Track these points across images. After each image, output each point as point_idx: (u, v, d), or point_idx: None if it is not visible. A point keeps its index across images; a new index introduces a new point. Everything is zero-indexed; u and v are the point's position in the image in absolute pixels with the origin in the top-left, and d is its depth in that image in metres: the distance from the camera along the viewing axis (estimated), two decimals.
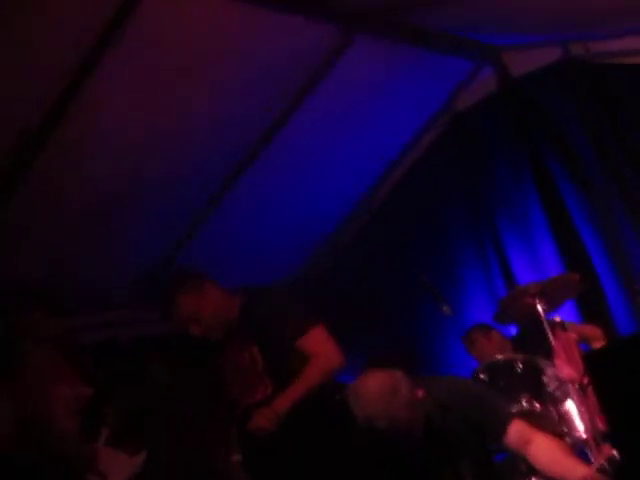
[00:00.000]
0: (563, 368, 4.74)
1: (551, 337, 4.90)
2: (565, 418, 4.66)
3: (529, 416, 4.37)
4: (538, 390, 4.74)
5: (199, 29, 4.56)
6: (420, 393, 3.39)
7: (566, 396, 4.68)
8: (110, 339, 5.62)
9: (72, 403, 4.18)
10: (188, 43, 4.58)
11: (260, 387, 4.14)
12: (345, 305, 5.23)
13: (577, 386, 4.61)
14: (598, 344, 5.31)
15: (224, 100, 5.09)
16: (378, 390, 3.30)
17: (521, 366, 4.85)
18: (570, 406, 4.66)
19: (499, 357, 5.01)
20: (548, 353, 5.04)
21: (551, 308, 5.19)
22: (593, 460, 4.00)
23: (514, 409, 4.47)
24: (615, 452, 3.13)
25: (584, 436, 4.53)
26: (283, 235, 6.36)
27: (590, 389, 4.40)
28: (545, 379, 4.81)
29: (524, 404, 4.67)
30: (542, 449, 3.48)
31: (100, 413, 4.27)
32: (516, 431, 3.50)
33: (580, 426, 4.58)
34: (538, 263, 6.17)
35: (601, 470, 3.17)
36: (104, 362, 4.67)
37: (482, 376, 4.87)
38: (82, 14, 4.08)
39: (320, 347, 4.03)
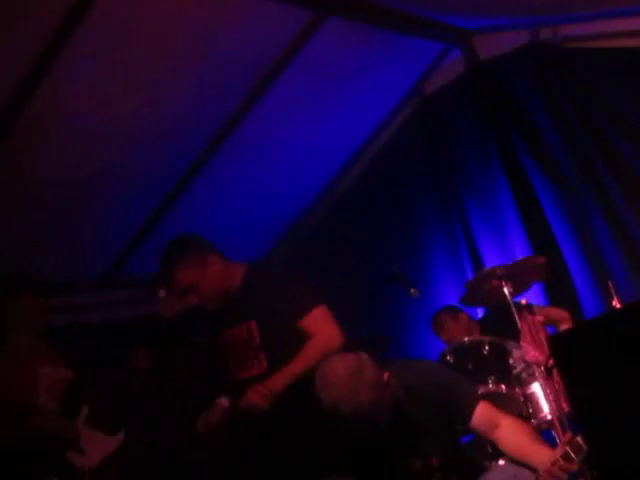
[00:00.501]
0: (529, 350, 4.77)
1: (517, 320, 4.94)
2: (530, 400, 4.70)
3: (495, 398, 4.41)
4: (504, 372, 4.77)
5: (166, 14, 4.51)
6: (386, 376, 3.38)
7: (532, 378, 4.71)
8: (76, 322, 5.60)
9: (54, 383, 4.29)
10: (155, 28, 4.53)
11: (255, 362, 4.10)
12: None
13: (542, 368, 4.64)
14: (565, 327, 5.35)
15: (191, 85, 5.05)
16: (343, 373, 3.28)
17: (487, 348, 4.89)
18: (536, 388, 4.69)
19: (466, 339, 5.04)
20: (515, 335, 5.07)
21: (517, 291, 5.22)
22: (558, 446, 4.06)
23: (480, 391, 4.50)
24: (578, 438, 3.15)
25: (549, 417, 4.57)
26: (251, 219, 6.35)
27: (555, 371, 4.44)
28: (511, 361, 4.84)
29: (490, 386, 4.70)
30: (509, 433, 3.49)
31: (80, 394, 4.36)
32: (483, 414, 3.50)
33: (545, 408, 4.62)
34: (506, 247, 6.20)
35: (565, 457, 3.19)
36: (70, 345, 4.68)
37: (449, 358, 4.89)
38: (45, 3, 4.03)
39: (320, 327, 3.99)
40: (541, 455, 3.34)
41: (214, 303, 4.15)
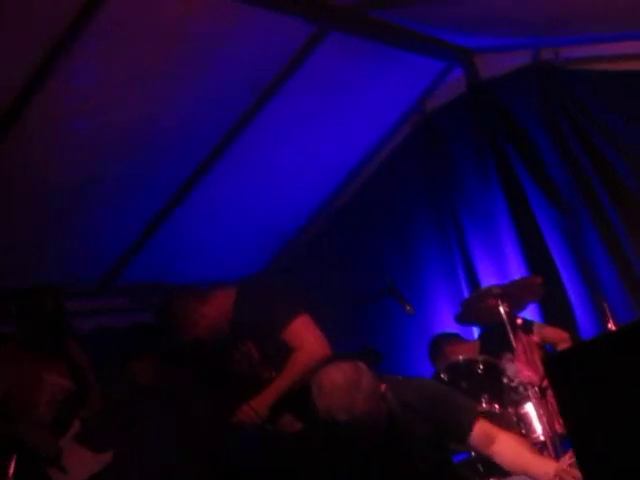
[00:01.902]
0: (523, 370, 4.77)
1: (512, 340, 4.93)
2: (524, 420, 4.68)
3: (488, 417, 4.39)
4: (498, 391, 4.76)
5: (168, 24, 4.50)
6: (383, 387, 3.37)
7: (525, 398, 4.70)
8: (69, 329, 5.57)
9: (56, 392, 4.24)
10: (156, 38, 4.53)
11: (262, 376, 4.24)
12: (308, 302, 5.21)
13: (537, 389, 4.63)
14: (564, 347, 5.34)
15: (189, 99, 5.04)
16: (340, 381, 3.27)
17: (482, 367, 4.88)
18: (529, 408, 4.68)
19: (460, 358, 5.03)
20: (510, 355, 5.06)
21: (513, 310, 5.22)
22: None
23: None
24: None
25: (542, 438, 4.55)
26: (246, 233, 6.34)
27: (549, 392, 4.43)
28: (505, 381, 4.83)
29: (484, 405, 4.69)
30: (507, 446, 3.48)
31: (76, 407, 4.34)
32: (480, 430, 3.50)
33: (538, 428, 4.61)
34: (502, 265, 6.20)
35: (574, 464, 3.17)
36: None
37: (443, 376, 4.89)
38: (50, 4, 4.01)
39: (302, 339, 4.06)
40: (544, 465, 3.33)
41: (225, 331, 4.28)
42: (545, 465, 3.35)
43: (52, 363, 4.44)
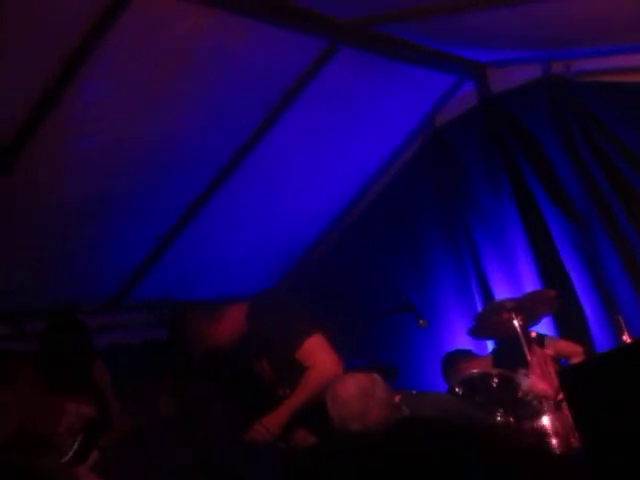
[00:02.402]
0: (538, 384, 4.75)
1: (527, 353, 4.91)
2: (539, 434, 4.66)
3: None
4: (513, 405, 4.74)
5: (178, 42, 4.52)
6: (397, 398, 3.37)
7: (541, 412, 4.68)
8: None
9: (75, 421, 4.21)
10: (167, 53, 4.54)
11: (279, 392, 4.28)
12: (321, 318, 5.22)
13: (552, 402, 4.62)
14: (578, 361, 5.32)
15: (200, 116, 5.05)
16: (355, 391, 3.29)
17: (496, 381, 4.86)
18: (545, 422, 4.66)
19: (475, 371, 5.01)
20: (524, 368, 5.04)
21: (528, 324, 5.20)
22: None
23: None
24: None
25: (557, 452, 4.53)
26: (259, 249, 6.34)
27: (565, 405, 4.41)
28: (520, 394, 4.81)
29: (499, 419, 4.67)
30: None
31: (95, 435, 4.24)
32: None
33: (554, 442, 4.58)
34: (516, 278, 6.18)
35: None
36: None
37: (458, 390, 4.86)
38: (60, 24, 4.03)
39: (315, 358, 4.09)
40: None
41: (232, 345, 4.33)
42: None
43: (74, 388, 4.34)
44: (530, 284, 5.97)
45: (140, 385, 4.85)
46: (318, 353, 4.11)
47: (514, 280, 6.18)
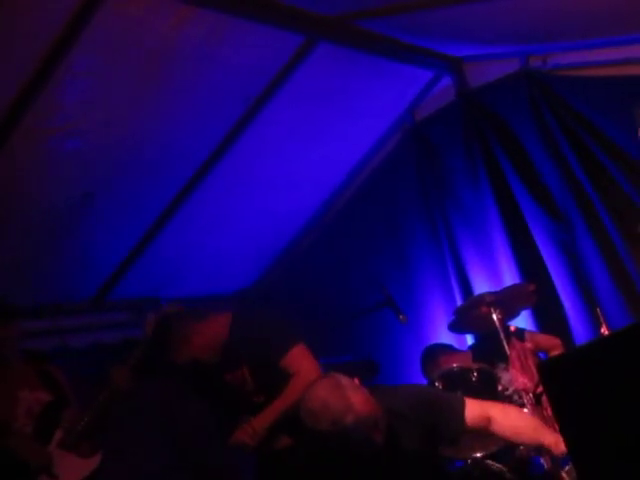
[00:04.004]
0: (517, 377, 4.78)
1: (506, 347, 4.94)
2: None
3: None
4: (493, 399, 4.75)
5: (156, 40, 4.50)
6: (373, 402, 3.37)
7: (520, 405, 4.70)
8: (64, 345, 5.58)
9: (32, 406, 4.35)
10: (147, 53, 4.53)
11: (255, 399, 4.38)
12: (301, 313, 5.22)
13: (531, 395, 4.64)
14: (557, 354, 5.35)
15: (179, 114, 5.04)
16: (325, 392, 3.31)
17: (476, 375, 4.88)
18: None
19: (455, 366, 5.03)
20: (504, 362, 5.07)
21: (507, 318, 5.23)
22: None
23: None
24: None
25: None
26: (239, 246, 6.34)
27: (544, 398, 4.43)
28: (500, 388, 4.84)
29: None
30: (502, 422, 3.52)
31: (56, 416, 4.40)
32: (472, 413, 3.53)
33: None
34: (495, 273, 6.20)
35: None
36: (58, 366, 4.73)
37: (438, 384, 4.89)
38: (36, 22, 4.00)
39: (300, 365, 4.24)
40: (544, 435, 3.38)
41: (215, 357, 4.37)
42: (546, 434, 3.41)
43: (23, 380, 4.46)
44: (510, 279, 6.00)
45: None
46: (303, 361, 4.26)
47: (494, 275, 6.20)
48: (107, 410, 4.41)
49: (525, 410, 4.56)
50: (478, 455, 4.52)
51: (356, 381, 3.48)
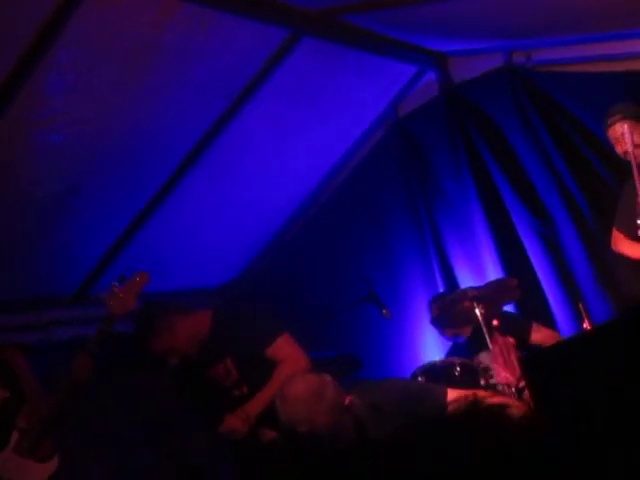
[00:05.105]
0: (500, 372, 4.79)
1: (489, 341, 4.96)
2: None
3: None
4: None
5: (140, 34, 4.48)
6: (348, 400, 3.37)
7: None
8: (47, 339, 5.55)
9: None
10: (127, 50, 4.51)
11: (237, 393, 4.39)
12: (285, 307, 5.23)
13: (513, 389, 4.66)
14: None
15: (163, 108, 5.03)
16: (304, 393, 3.29)
17: (459, 369, 4.90)
18: None
19: (437, 359, 5.05)
20: (487, 356, 5.09)
21: (490, 312, 5.24)
22: None
23: None
24: None
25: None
26: (224, 240, 6.33)
27: (526, 392, 4.45)
28: (482, 383, 4.86)
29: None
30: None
31: (11, 417, 4.04)
32: (453, 396, 3.53)
33: None
34: (480, 268, 6.22)
35: None
36: (37, 363, 4.55)
37: (420, 379, 4.90)
38: (20, 14, 3.97)
39: (286, 353, 4.27)
40: None
41: (193, 353, 4.38)
42: None
43: None
44: (494, 273, 6.02)
45: (104, 379, 4.79)
46: (289, 349, 4.29)
47: (478, 269, 6.22)
48: (67, 405, 4.02)
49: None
50: None
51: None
